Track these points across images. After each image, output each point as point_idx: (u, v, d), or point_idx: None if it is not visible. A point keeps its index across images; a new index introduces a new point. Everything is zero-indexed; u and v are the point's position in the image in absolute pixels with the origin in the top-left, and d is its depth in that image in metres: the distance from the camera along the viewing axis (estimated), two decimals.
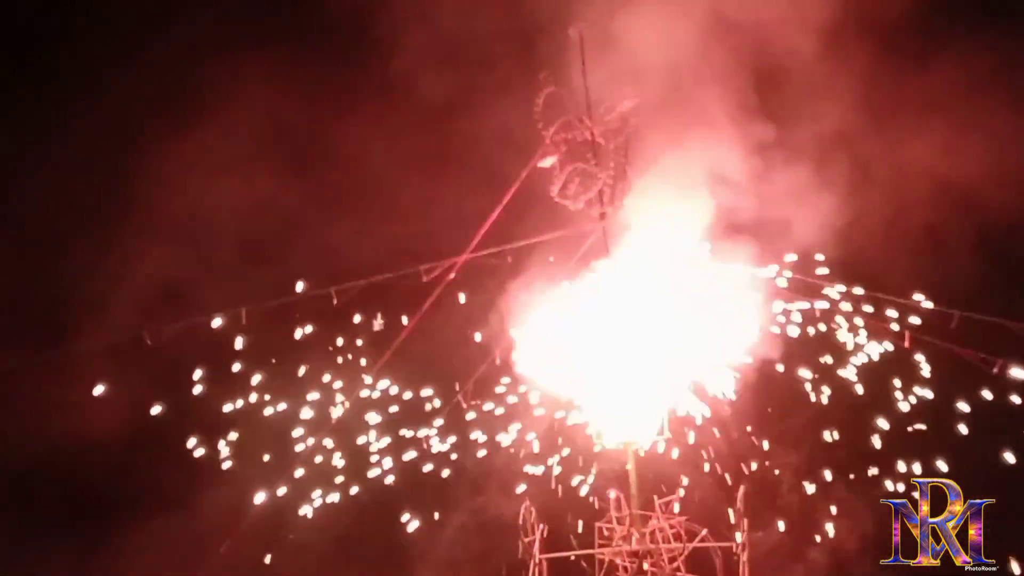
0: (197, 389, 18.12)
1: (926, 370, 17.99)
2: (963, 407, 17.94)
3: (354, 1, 19.08)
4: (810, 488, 18.72)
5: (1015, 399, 17.49)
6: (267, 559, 18.09)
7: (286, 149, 20.05)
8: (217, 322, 17.53)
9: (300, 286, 17.75)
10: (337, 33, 20.14)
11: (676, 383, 17.99)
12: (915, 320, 17.70)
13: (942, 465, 17.71)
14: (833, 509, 18.74)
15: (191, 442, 18.11)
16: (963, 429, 18.04)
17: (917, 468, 18.00)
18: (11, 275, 19.33)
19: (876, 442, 18.55)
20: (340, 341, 18.40)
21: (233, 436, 18.21)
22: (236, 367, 18.12)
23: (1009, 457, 17.58)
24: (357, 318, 18.29)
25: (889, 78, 18.96)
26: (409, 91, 18.99)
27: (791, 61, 18.55)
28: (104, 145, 20.12)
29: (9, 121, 19.83)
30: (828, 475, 18.72)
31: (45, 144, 20.10)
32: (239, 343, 17.84)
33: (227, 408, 18.10)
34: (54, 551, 18.46)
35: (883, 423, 18.49)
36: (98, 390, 17.78)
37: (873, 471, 18.53)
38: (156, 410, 17.99)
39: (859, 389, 18.32)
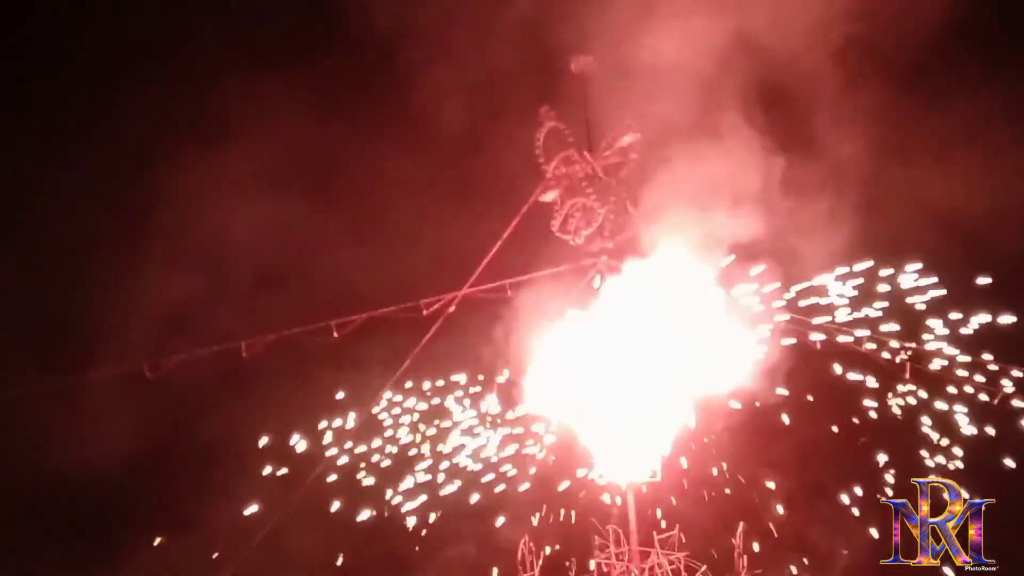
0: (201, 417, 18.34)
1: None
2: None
3: (377, 30, 19.10)
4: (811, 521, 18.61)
5: None
6: None
7: (302, 177, 20.16)
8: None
9: None
10: (358, 61, 20.20)
11: (677, 416, 17.96)
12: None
13: None
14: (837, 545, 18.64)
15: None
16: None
17: None
18: (24, 301, 19.59)
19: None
20: None
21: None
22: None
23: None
24: None
25: (902, 113, 18.84)
26: (427, 122, 19.07)
27: (800, 94, 18.53)
28: (120, 170, 20.30)
29: (25, 145, 20.06)
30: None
31: (61, 168, 20.25)
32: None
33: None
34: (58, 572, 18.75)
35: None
36: (103, 416, 18.09)
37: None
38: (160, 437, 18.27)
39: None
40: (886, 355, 17.87)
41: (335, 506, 18.46)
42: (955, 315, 17.96)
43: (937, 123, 18.66)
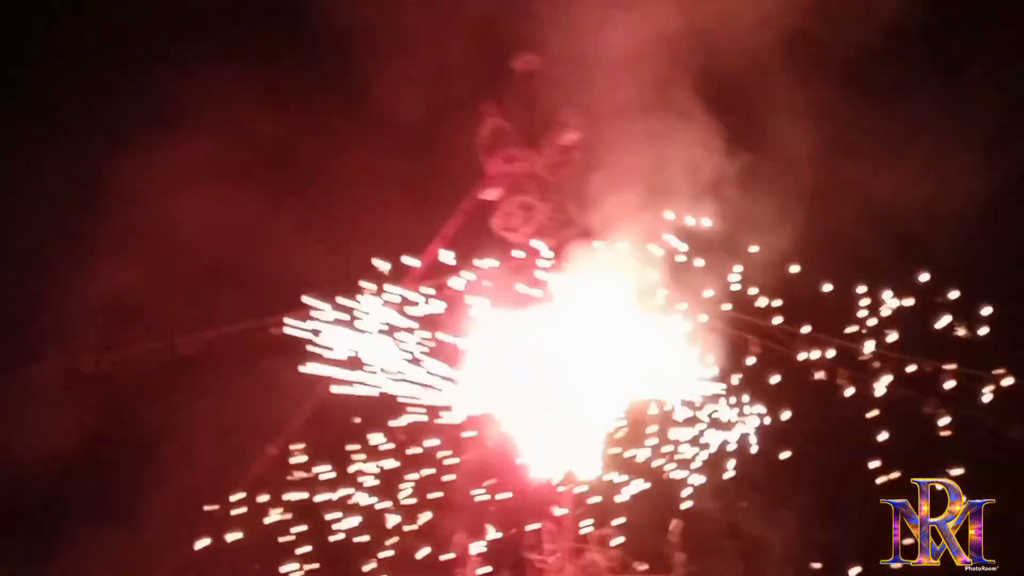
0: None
1: None
2: None
3: (333, 25, 19.08)
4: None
5: None
6: None
7: (254, 171, 20.06)
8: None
9: None
10: (314, 56, 20.19)
11: (614, 413, 18.05)
12: None
13: None
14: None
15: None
16: None
17: None
18: None
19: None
20: None
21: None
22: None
23: None
24: None
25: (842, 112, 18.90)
26: (382, 119, 19.07)
27: (747, 88, 18.60)
28: (67, 160, 20.20)
29: None
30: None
31: (9, 161, 20.23)
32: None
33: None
34: None
35: None
36: (42, 413, 18.12)
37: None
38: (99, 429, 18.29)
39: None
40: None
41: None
42: None
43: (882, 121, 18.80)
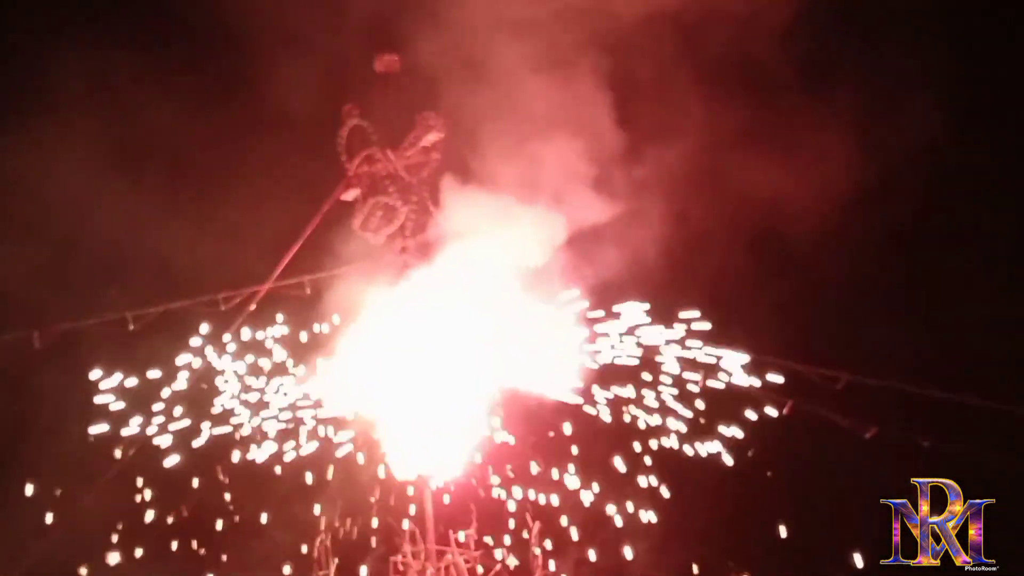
0: None
1: None
2: None
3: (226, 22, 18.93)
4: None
5: None
6: None
7: (109, 156, 19.80)
8: None
9: None
10: (192, 37, 19.97)
11: (478, 414, 18.05)
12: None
13: None
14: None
15: None
16: None
17: None
18: None
19: None
20: None
21: None
22: None
23: None
24: None
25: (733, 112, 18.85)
26: (270, 115, 18.96)
27: (619, 92, 18.53)
28: None
29: None
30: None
31: None
32: None
33: None
34: None
35: None
36: None
37: None
38: None
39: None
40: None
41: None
42: None
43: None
